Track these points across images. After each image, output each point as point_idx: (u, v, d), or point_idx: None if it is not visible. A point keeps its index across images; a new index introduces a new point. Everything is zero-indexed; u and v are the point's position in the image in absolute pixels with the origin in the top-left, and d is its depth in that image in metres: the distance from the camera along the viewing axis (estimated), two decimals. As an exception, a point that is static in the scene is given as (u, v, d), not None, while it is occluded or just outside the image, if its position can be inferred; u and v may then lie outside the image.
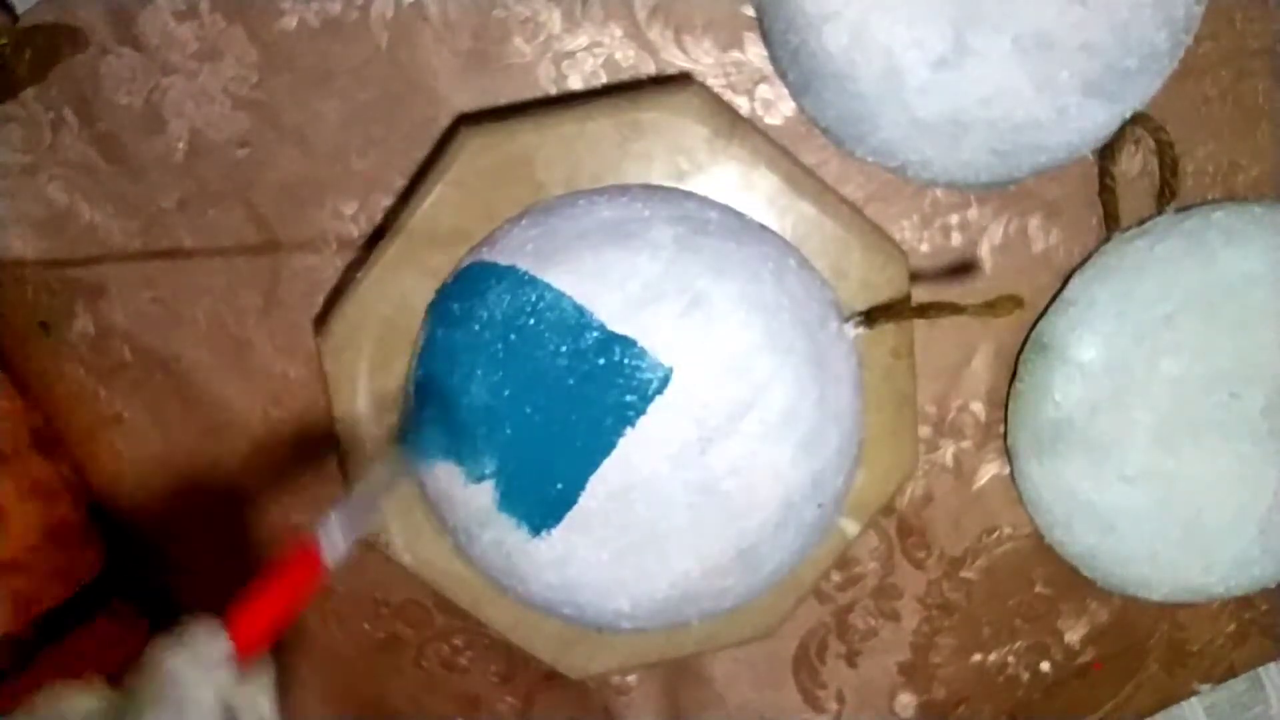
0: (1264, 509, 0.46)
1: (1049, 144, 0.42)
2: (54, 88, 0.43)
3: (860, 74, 0.40)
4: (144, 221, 0.45)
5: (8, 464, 0.49)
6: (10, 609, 0.47)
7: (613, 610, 0.43)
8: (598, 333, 0.40)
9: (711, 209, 0.41)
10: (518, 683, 0.52)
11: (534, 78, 0.44)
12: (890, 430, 0.44)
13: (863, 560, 0.50)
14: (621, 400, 0.40)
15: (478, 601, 0.45)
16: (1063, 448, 0.46)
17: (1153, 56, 0.41)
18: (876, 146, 0.43)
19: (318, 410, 0.46)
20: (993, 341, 0.47)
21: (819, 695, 0.52)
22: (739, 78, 0.44)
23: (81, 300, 0.46)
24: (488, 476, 0.41)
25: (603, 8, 0.43)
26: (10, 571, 0.47)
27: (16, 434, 0.50)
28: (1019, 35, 0.39)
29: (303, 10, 0.43)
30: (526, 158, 0.41)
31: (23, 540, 0.48)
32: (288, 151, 0.44)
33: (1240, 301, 0.44)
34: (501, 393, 0.41)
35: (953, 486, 0.49)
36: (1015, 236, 0.46)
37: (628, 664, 0.48)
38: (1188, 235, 0.44)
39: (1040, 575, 0.51)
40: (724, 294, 0.40)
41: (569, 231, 0.40)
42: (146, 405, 0.47)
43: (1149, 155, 0.45)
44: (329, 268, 0.46)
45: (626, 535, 0.42)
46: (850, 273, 0.42)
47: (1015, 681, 0.52)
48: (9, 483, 0.48)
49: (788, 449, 0.41)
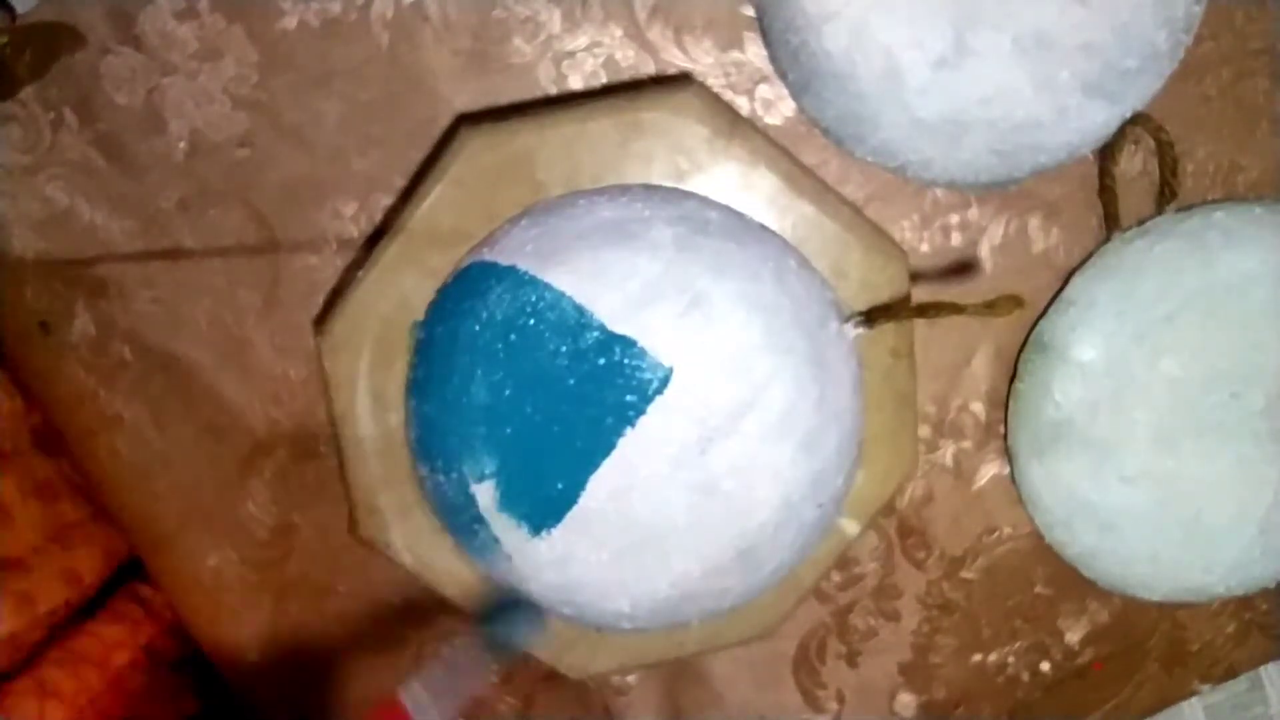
0: (1264, 509, 0.46)
1: (1049, 144, 0.42)
2: (54, 87, 0.43)
3: (860, 74, 0.40)
4: (144, 221, 0.45)
5: (9, 463, 0.49)
6: (14, 608, 0.47)
7: (613, 610, 0.43)
8: (598, 333, 0.40)
9: (711, 209, 0.41)
10: (518, 683, 0.52)
11: (534, 78, 0.44)
12: (890, 430, 0.44)
13: (863, 560, 0.50)
14: (621, 400, 0.40)
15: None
16: (1063, 448, 0.46)
17: (1153, 56, 0.41)
18: (876, 146, 0.43)
19: (317, 410, 0.46)
20: (993, 341, 0.47)
21: (819, 695, 0.52)
22: (739, 78, 0.44)
23: (81, 300, 0.46)
24: (488, 476, 0.41)
25: (603, 8, 0.43)
26: (14, 570, 0.47)
27: (17, 433, 0.50)
28: (1019, 35, 0.39)
29: (303, 10, 0.43)
30: (526, 158, 0.41)
31: (26, 539, 0.48)
32: (288, 151, 0.44)
33: (1240, 301, 0.44)
34: (501, 393, 0.41)
35: (953, 486, 0.49)
36: (1015, 236, 0.46)
37: (628, 664, 0.48)
38: (1188, 235, 0.44)
39: (1040, 575, 0.51)
40: (724, 294, 0.40)
41: (569, 231, 0.40)
42: (146, 405, 0.47)
43: (1149, 155, 0.45)
44: (329, 268, 0.46)
45: (626, 535, 0.42)
46: (850, 273, 0.42)
47: (1015, 681, 0.52)
48: (11, 482, 0.48)
49: (788, 449, 0.41)
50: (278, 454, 0.48)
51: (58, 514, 0.50)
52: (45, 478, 0.50)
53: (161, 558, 0.49)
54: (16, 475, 0.49)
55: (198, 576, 0.49)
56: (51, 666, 0.48)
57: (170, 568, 0.50)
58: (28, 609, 0.47)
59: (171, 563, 0.49)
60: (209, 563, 0.49)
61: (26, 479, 0.49)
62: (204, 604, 0.50)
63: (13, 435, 0.49)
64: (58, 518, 0.50)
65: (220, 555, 0.49)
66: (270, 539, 0.49)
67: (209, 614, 0.50)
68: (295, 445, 0.48)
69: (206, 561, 0.49)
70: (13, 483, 0.48)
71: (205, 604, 0.50)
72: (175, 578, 0.50)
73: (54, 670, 0.48)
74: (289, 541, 0.49)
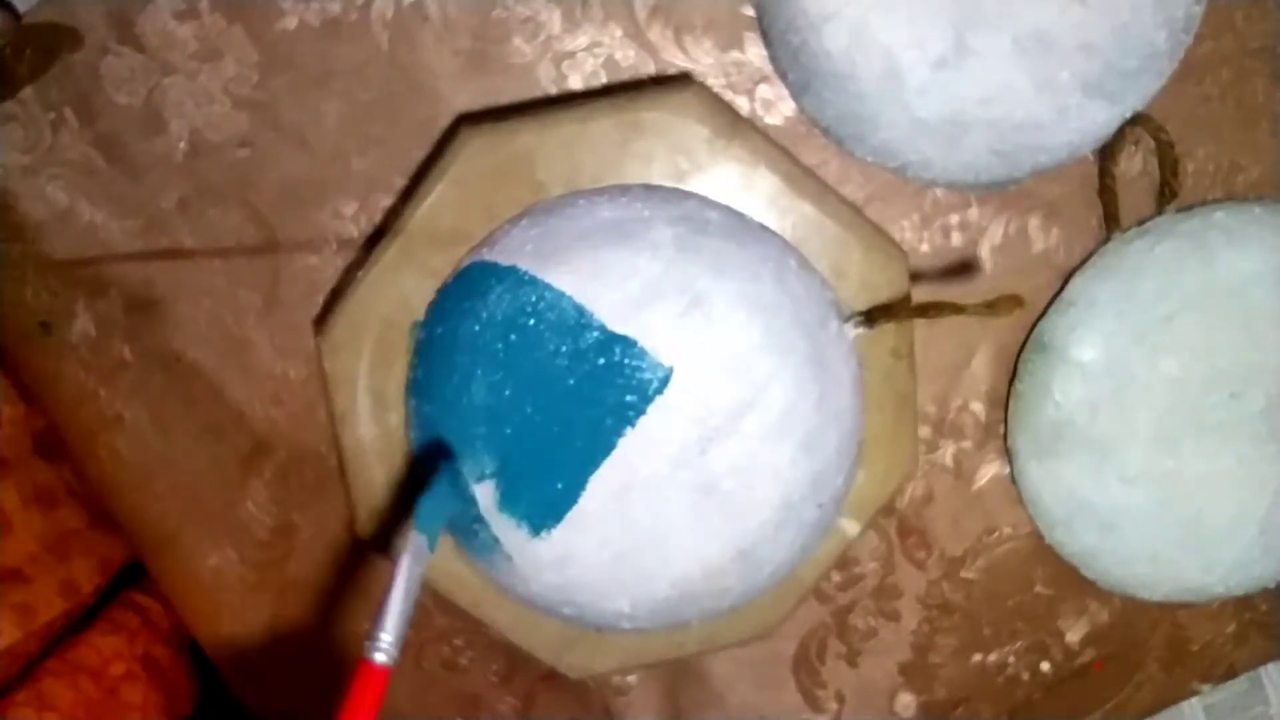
0: (1264, 509, 0.46)
1: (1049, 144, 0.42)
2: (54, 88, 0.43)
3: (860, 74, 0.40)
4: (144, 221, 0.45)
5: (10, 470, 0.49)
6: (15, 621, 0.47)
7: (613, 610, 0.43)
8: (598, 333, 0.40)
9: (712, 209, 0.41)
10: (518, 683, 0.52)
11: (534, 78, 0.44)
12: (890, 430, 0.44)
13: (863, 560, 0.50)
14: (621, 400, 0.40)
15: (478, 601, 0.45)
16: (1063, 448, 0.46)
17: (1153, 56, 0.41)
18: (877, 146, 0.43)
19: (317, 410, 0.46)
20: (993, 341, 0.47)
21: (819, 695, 0.52)
22: (739, 78, 0.44)
23: (81, 300, 0.46)
24: (488, 476, 0.41)
25: (603, 8, 0.43)
26: (13, 582, 0.47)
27: (19, 440, 0.50)
28: (1019, 35, 0.39)
29: (303, 10, 0.43)
30: (527, 158, 0.41)
31: (25, 548, 0.48)
32: (288, 151, 0.44)
33: (1240, 302, 0.44)
34: (501, 393, 0.41)
35: (953, 486, 0.49)
36: (1015, 236, 0.46)
37: (628, 664, 0.48)
38: (1188, 235, 0.44)
39: (1040, 575, 0.50)
40: (724, 294, 0.40)
41: (569, 231, 0.40)
42: (146, 405, 0.47)
43: (1149, 155, 0.45)
44: (329, 268, 0.46)
45: (627, 535, 0.42)
46: (850, 273, 0.42)
47: (1015, 681, 0.52)
48: (11, 489, 0.48)
49: (787, 449, 0.41)
50: (278, 454, 0.48)
51: (57, 521, 0.50)
52: (45, 484, 0.50)
53: (161, 558, 0.49)
54: (17, 482, 0.49)
55: (198, 576, 0.49)
56: (50, 678, 0.48)
57: (170, 568, 0.50)
58: (28, 621, 0.47)
59: (171, 563, 0.49)
60: (209, 563, 0.49)
61: (27, 485, 0.49)
62: (204, 604, 0.50)
63: (14, 442, 0.49)
64: (56, 525, 0.50)
65: (220, 555, 0.49)
66: (270, 539, 0.49)
67: (209, 614, 0.50)
68: (295, 445, 0.48)
69: (206, 561, 0.49)
70: (13, 490, 0.48)
71: (205, 604, 0.50)
72: (175, 578, 0.50)
73: (52, 682, 0.48)
74: (289, 541, 0.49)
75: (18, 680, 0.48)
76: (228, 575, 0.49)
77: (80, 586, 0.51)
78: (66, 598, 0.50)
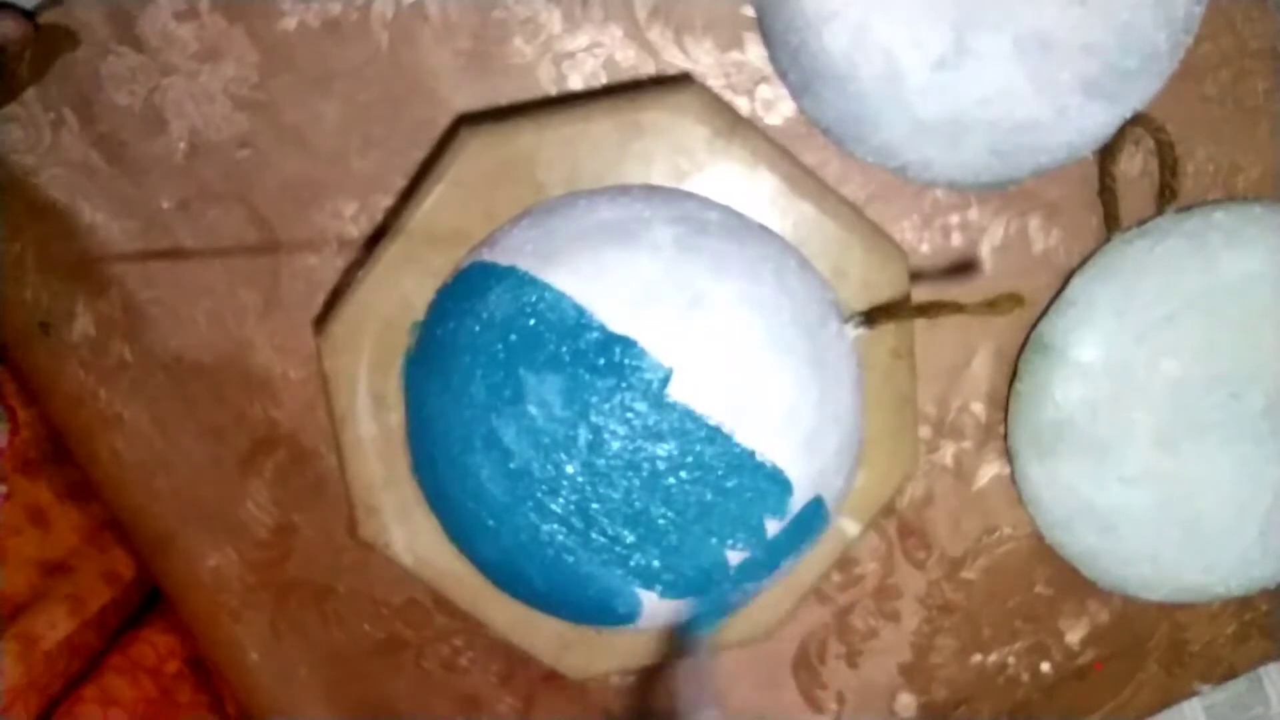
0: (1264, 509, 0.46)
1: (1049, 144, 0.42)
2: (54, 88, 0.43)
3: (860, 74, 0.40)
4: (144, 221, 0.45)
5: (39, 469, 0.49)
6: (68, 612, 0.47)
7: (613, 610, 0.43)
8: (598, 333, 0.40)
9: (712, 209, 0.41)
10: (518, 683, 0.52)
11: (534, 78, 0.44)
12: (890, 430, 0.44)
13: (863, 560, 0.50)
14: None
15: (478, 601, 0.45)
16: (1063, 448, 0.46)
17: (1153, 57, 0.41)
18: (877, 147, 0.43)
19: (317, 410, 0.46)
20: (993, 341, 0.47)
21: (819, 696, 0.52)
22: (739, 78, 0.44)
23: (81, 300, 0.46)
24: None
25: (603, 8, 0.43)
26: (60, 574, 0.48)
27: (42, 438, 0.50)
28: (1019, 35, 0.39)
29: (303, 11, 0.43)
30: (527, 158, 0.41)
31: (66, 542, 0.48)
32: (288, 152, 0.44)
33: (1241, 302, 0.44)
34: (502, 393, 0.41)
35: (953, 487, 0.49)
36: (1015, 236, 0.46)
37: (628, 664, 0.48)
38: (1188, 236, 0.44)
39: (1040, 575, 0.50)
40: (724, 294, 0.40)
41: (569, 232, 0.40)
42: (146, 405, 0.47)
43: (1149, 155, 0.45)
44: (329, 268, 0.46)
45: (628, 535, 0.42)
46: (850, 273, 0.42)
47: (1015, 682, 0.52)
48: (43, 486, 0.49)
49: (788, 449, 0.41)
50: (278, 454, 0.48)
51: (92, 514, 0.51)
52: (78, 478, 0.50)
53: (161, 558, 0.50)
54: (48, 479, 0.49)
55: (198, 576, 0.49)
56: (113, 674, 0.49)
57: (170, 568, 0.50)
58: (80, 610, 0.48)
59: (171, 563, 0.49)
60: (209, 563, 0.49)
61: (58, 481, 0.50)
62: (204, 604, 0.50)
63: (38, 442, 0.50)
64: (92, 517, 0.51)
65: (220, 555, 0.49)
66: (270, 539, 0.49)
67: (209, 614, 0.50)
68: (295, 445, 0.48)
69: (206, 561, 0.49)
70: (45, 487, 0.49)
71: (205, 604, 0.50)
72: (175, 578, 0.50)
73: (115, 678, 0.49)
74: (289, 541, 0.49)
75: (82, 676, 0.48)
76: (228, 575, 0.49)
77: (122, 574, 0.51)
78: (111, 586, 0.50)
